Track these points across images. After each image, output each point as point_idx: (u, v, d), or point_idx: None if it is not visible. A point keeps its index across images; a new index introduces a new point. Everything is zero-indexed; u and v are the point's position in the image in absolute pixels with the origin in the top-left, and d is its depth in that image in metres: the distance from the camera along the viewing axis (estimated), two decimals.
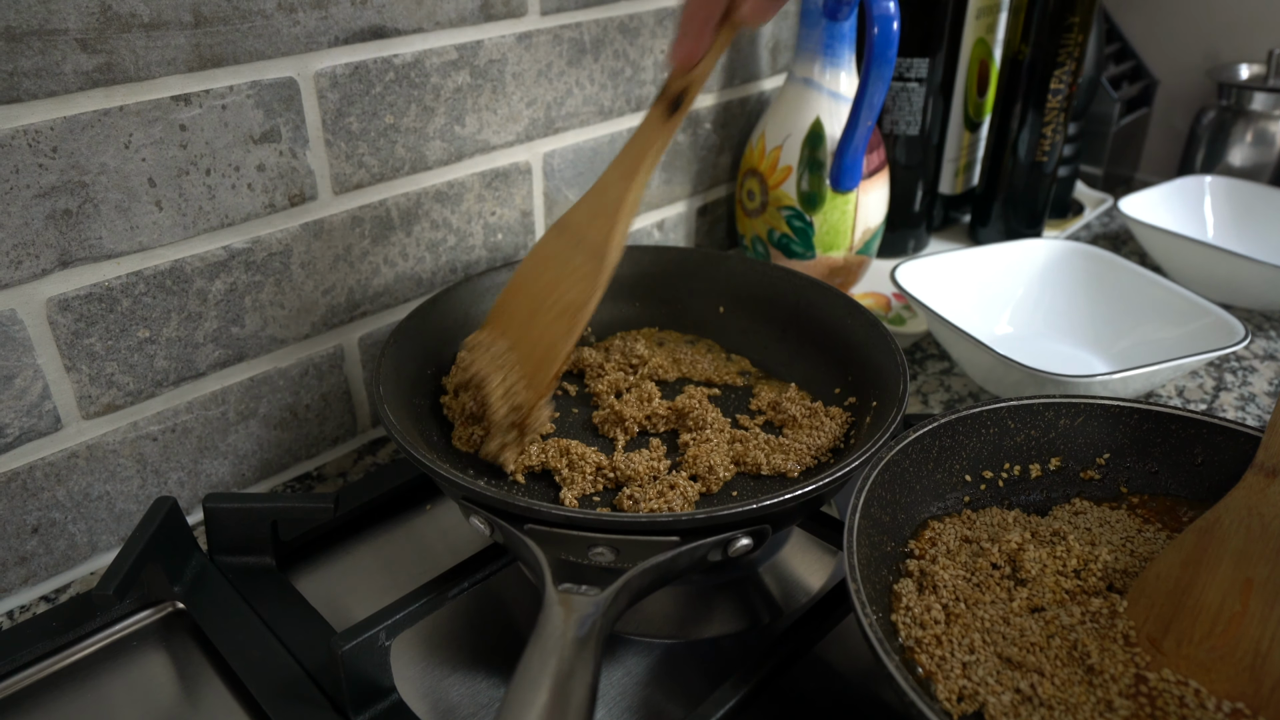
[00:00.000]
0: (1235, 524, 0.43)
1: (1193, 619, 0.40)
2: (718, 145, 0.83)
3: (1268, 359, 0.77)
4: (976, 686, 0.38)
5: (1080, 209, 1.01)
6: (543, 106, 0.67)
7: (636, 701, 0.46)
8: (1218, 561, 0.42)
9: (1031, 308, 0.77)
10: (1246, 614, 0.40)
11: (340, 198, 0.58)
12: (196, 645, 0.50)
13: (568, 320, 0.51)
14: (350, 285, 0.61)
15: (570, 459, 0.50)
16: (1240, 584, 0.41)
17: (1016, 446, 0.51)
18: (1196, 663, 0.39)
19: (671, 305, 0.64)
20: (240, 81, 0.52)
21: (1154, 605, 0.41)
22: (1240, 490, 0.45)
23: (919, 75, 0.83)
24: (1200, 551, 0.43)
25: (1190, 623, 0.40)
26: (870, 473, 0.44)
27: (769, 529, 0.43)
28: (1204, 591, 0.41)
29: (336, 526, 0.57)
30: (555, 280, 0.52)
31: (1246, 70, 1.03)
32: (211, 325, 0.55)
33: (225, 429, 0.58)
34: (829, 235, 0.77)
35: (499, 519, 0.41)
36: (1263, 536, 0.42)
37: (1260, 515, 0.43)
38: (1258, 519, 0.43)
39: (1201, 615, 0.40)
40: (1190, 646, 0.39)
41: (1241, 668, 0.38)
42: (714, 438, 0.52)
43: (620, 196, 0.51)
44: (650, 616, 0.50)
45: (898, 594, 0.42)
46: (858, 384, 0.55)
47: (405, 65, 0.58)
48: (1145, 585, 0.42)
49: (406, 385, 0.53)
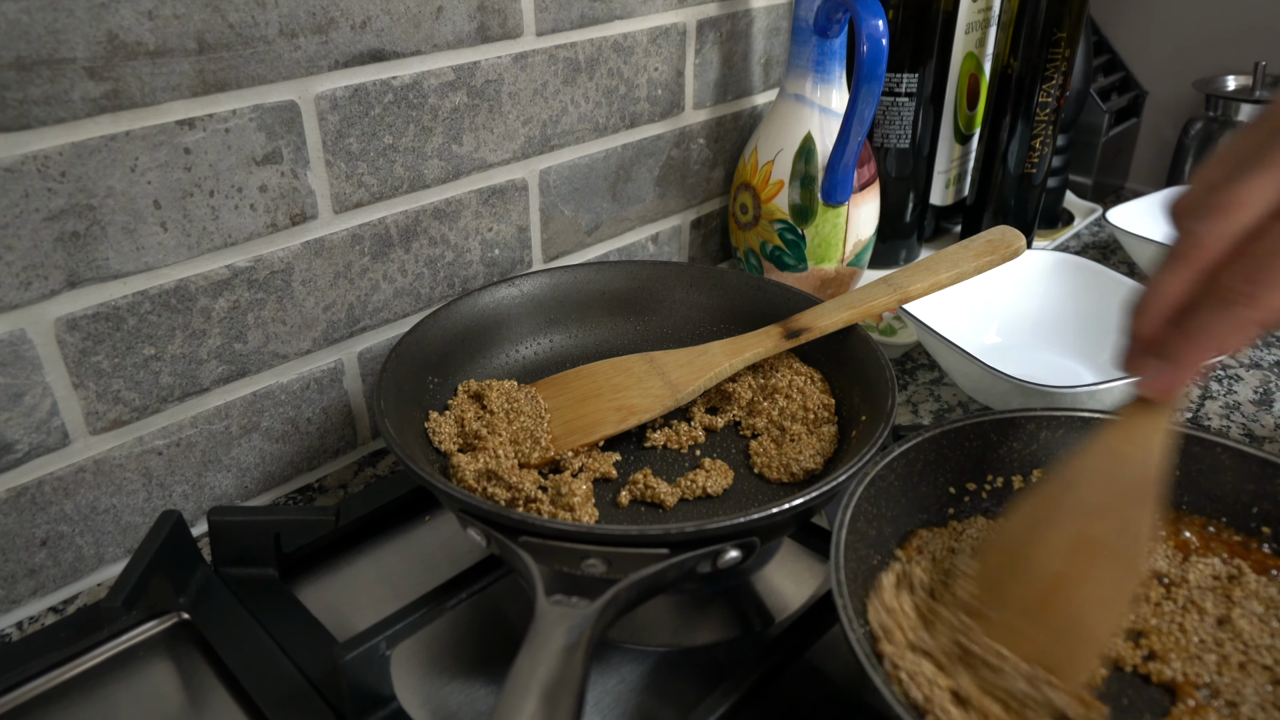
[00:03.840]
0: (1088, 473, 0.42)
1: (1023, 582, 0.41)
2: (711, 160, 0.84)
3: (1253, 368, 0.78)
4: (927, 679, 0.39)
5: (1070, 219, 1.03)
6: (538, 125, 0.69)
7: (631, 708, 0.48)
8: (1054, 519, 0.41)
9: (1020, 318, 0.79)
10: (1072, 576, 0.40)
11: (340, 216, 0.60)
12: (201, 655, 0.52)
13: (621, 415, 0.55)
14: (350, 301, 0.62)
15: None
16: (1072, 542, 0.40)
17: (999, 459, 0.52)
18: (1011, 628, 0.39)
19: (668, 318, 0.65)
20: (243, 105, 0.53)
21: (990, 568, 0.42)
22: (1105, 432, 0.43)
23: (909, 89, 0.85)
24: (1043, 507, 0.42)
25: (1018, 586, 0.40)
26: (856, 487, 0.45)
27: (757, 541, 0.44)
28: (1038, 551, 0.41)
29: (338, 538, 0.58)
30: (624, 385, 0.57)
31: (1233, 82, 1.04)
32: (215, 342, 0.56)
33: (228, 443, 0.59)
34: (820, 248, 0.78)
35: (494, 530, 0.43)
36: (1109, 486, 0.41)
37: (1117, 456, 0.41)
38: (1111, 463, 0.41)
39: (1033, 577, 0.40)
40: (1011, 611, 0.40)
41: (1055, 632, 0.38)
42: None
43: (714, 363, 0.57)
44: (644, 625, 0.52)
45: (880, 586, 0.43)
46: (848, 397, 0.57)
47: (404, 87, 0.60)
48: (989, 547, 0.43)
49: (407, 399, 0.54)
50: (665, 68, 0.76)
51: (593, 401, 0.56)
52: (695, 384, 0.56)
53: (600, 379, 0.57)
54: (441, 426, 0.54)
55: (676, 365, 0.57)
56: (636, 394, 0.56)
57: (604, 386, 0.57)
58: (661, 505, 0.51)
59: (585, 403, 0.56)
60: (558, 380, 0.58)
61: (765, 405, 0.57)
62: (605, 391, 0.56)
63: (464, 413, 0.55)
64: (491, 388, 0.57)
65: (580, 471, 0.53)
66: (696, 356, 0.57)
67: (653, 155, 0.78)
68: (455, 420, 0.55)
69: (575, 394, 0.57)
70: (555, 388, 0.58)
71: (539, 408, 0.56)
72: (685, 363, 0.57)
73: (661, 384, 0.56)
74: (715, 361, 0.56)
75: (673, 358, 0.58)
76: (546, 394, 0.57)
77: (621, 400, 0.55)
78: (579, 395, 0.56)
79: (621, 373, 0.57)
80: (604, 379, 0.57)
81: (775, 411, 0.56)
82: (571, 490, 0.49)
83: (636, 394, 0.56)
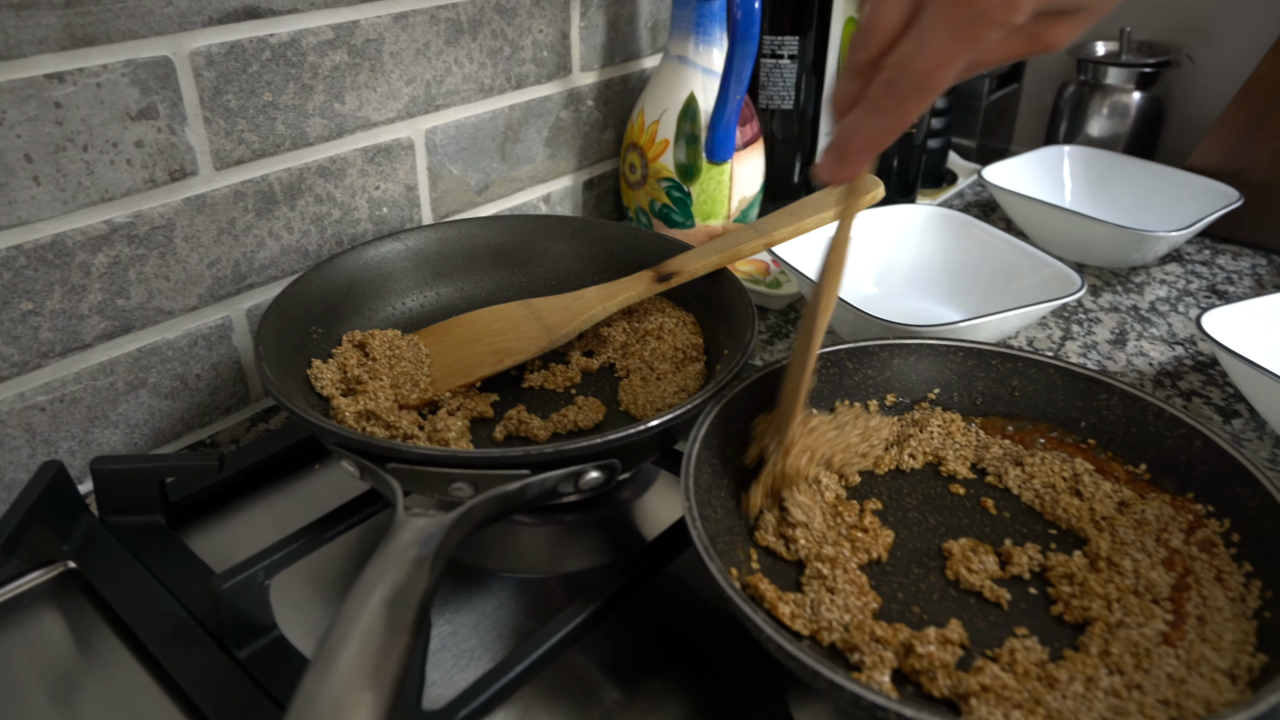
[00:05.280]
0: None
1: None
2: (601, 121, 0.87)
3: (1111, 311, 0.83)
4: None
5: (954, 179, 1.07)
6: (422, 84, 0.70)
7: (508, 629, 0.50)
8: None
9: (895, 269, 0.83)
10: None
11: (221, 173, 0.61)
12: (89, 603, 0.52)
13: (497, 357, 0.58)
14: (235, 258, 0.63)
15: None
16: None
17: (855, 385, 0.55)
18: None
19: (550, 269, 0.68)
20: (114, 60, 0.54)
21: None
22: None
23: (790, 52, 0.88)
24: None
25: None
26: (712, 407, 0.48)
27: (618, 464, 0.46)
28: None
29: (227, 487, 0.59)
30: (502, 330, 0.59)
31: (1102, 47, 1.10)
32: (96, 297, 0.57)
33: (115, 399, 0.60)
34: (707, 204, 0.81)
35: (364, 459, 0.45)
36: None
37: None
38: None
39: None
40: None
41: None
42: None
43: (588, 306, 0.60)
44: (522, 554, 0.54)
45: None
46: (715, 337, 0.60)
47: (281, 44, 0.61)
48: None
49: (288, 347, 0.56)
50: (550, 30, 0.78)
51: (471, 346, 0.58)
52: (569, 326, 0.58)
53: (480, 325, 0.59)
54: (324, 373, 0.56)
55: (553, 310, 0.59)
56: (513, 337, 0.58)
57: (483, 332, 0.59)
58: (534, 439, 0.53)
59: (464, 347, 0.58)
60: (439, 328, 0.60)
61: (637, 347, 0.60)
62: (484, 336, 0.58)
63: (347, 360, 0.57)
64: (375, 337, 0.59)
65: (458, 410, 0.55)
66: (572, 301, 0.60)
67: (541, 116, 0.80)
68: (338, 367, 0.57)
69: (455, 340, 0.59)
70: (437, 335, 0.60)
71: (420, 354, 0.58)
72: (561, 307, 0.59)
73: (538, 327, 0.58)
74: (589, 305, 0.59)
75: (550, 303, 0.60)
76: (428, 341, 0.59)
77: (499, 344, 0.58)
78: (459, 341, 0.58)
79: (500, 319, 0.59)
80: (484, 325, 0.59)
81: (646, 353, 0.59)
82: (447, 426, 0.52)
83: (513, 337, 0.58)
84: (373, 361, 0.57)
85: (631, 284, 0.60)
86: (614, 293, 0.60)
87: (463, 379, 0.56)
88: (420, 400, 0.55)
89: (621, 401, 0.56)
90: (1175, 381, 0.73)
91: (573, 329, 0.58)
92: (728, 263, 0.60)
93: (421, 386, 0.55)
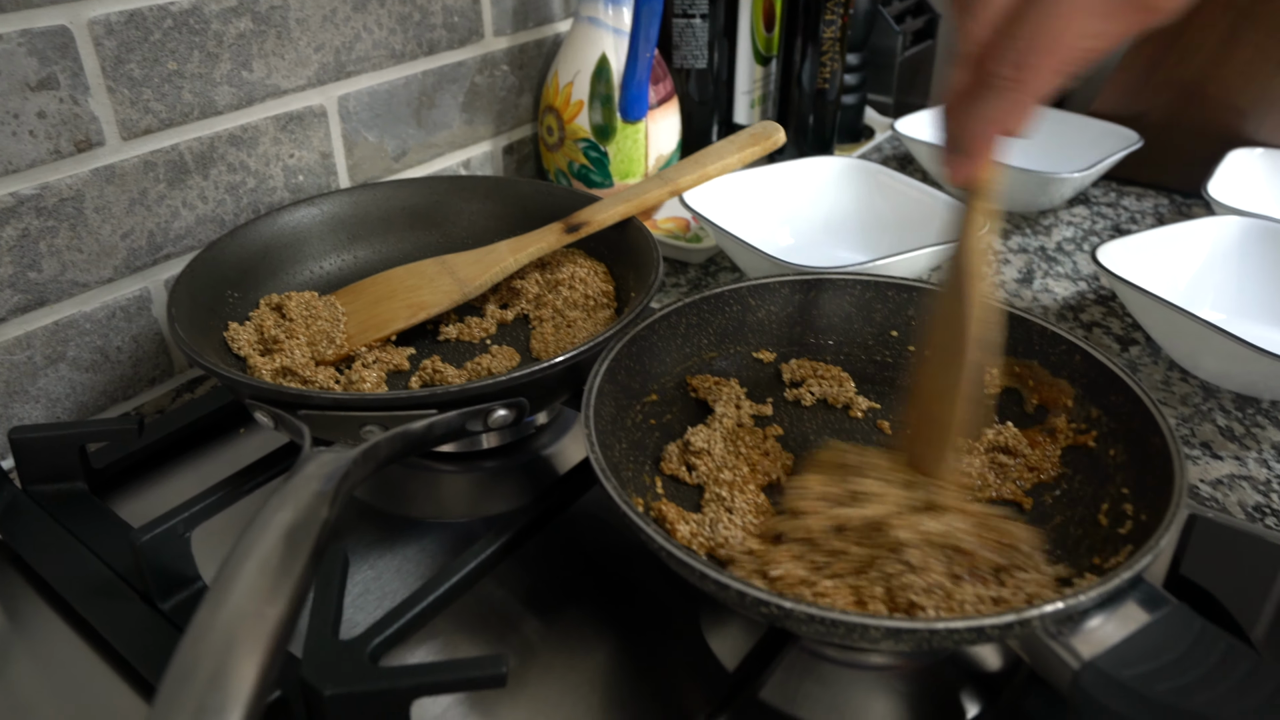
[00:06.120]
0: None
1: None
2: (518, 86, 0.88)
3: (1020, 252, 0.87)
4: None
5: (871, 134, 1.10)
6: (331, 51, 0.71)
7: (431, 571, 0.51)
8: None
9: (811, 220, 0.85)
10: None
11: (129, 143, 0.61)
12: (16, 571, 0.53)
13: (411, 311, 0.59)
14: (150, 229, 0.64)
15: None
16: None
17: (759, 322, 0.57)
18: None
19: (466, 228, 0.69)
20: (9, 30, 0.54)
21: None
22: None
23: (701, 11, 0.89)
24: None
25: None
26: (615, 344, 0.50)
27: (525, 402, 0.48)
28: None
29: (152, 454, 0.60)
30: (417, 286, 0.61)
31: None
32: (6, 270, 0.57)
33: (33, 373, 0.60)
34: (624, 163, 0.83)
35: (276, 408, 0.46)
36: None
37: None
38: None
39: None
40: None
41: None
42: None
43: (500, 259, 0.61)
44: (444, 501, 0.56)
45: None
46: (624, 284, 0.62)
47: (183, 12, 0.61)
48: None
49: (203, 310, 0.56)
50: None
51: (386, 302, 0.59)
52: (482, 279, 0.59)
53: (395, 282, 0.60)
54: (240, 335, 0.56)
55: (466, 264, 0.61)
56: (427, 292, 0.59)
57: (398, 288, 0.60)
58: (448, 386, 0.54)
59: (380, 304, 0.59)
60: (355, 287, 0.61)
61: (550, 297, 0.61)
62: (399, 292, 0.60)
63: (264, 321, 0.58)
64: (291, 298, 0.60)
65: (373, 364, 0.56)
66: (484, 255, 0.61)
67: (456, 82, 0.81)
68: (255, 329, 0.57)
69: (371, 297, 0.60)
70: (353, 294, 0.61)
71: (336, 313, 0.59)
72: (474, 261, 0.61)
73: (451, 281, 0.60)
74: (501, 258, 0.60)
75: (463, 258, 0.61)
76: (344, 300, 0.60)
77: (413, 299, 0.59)
78: (374, 298, 0.60)
79: (415, 275, 0.61)
80: (398, 282, 0.60)
81: (559, 301, 0.61)
82: (363, 378, 0.53)
83: (427, 292, 0.59)
84: (289, 322, 0.58)
85: (542, 235, 0.61)
86: (525, 245, 0.61)
87: (378, 333, 0.57)
88: (336, 356, 0.56)
89: (534, 349, 0.58)
90: (1078, 314, 0.77)
91: (485, 281, 0.59)
92: (635, 211, 0.62)
93: (338, 343, 0.56)
